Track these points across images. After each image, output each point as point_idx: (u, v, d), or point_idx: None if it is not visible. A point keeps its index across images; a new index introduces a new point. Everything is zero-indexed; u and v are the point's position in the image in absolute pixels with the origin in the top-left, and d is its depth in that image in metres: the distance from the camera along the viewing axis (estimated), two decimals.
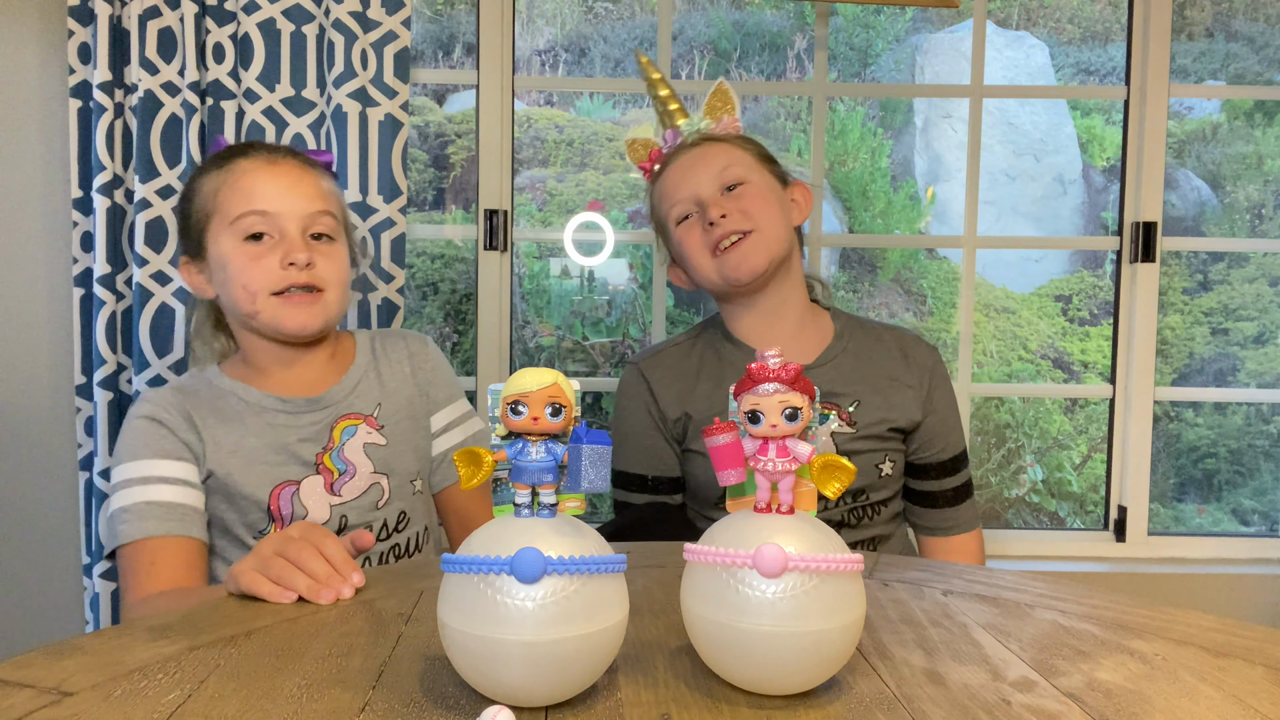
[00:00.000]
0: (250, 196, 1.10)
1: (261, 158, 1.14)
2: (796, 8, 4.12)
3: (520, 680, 0.59)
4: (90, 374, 1.53)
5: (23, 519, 1.63)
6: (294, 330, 1.11)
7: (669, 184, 1.31)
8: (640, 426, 1.32)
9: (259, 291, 1.10)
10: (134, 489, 1.07)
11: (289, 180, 1.12)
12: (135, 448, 1.09)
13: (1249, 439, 3.61)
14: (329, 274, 1.12)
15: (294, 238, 1.10)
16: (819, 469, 0.63)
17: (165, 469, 1.08)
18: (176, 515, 1.06)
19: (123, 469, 1.09)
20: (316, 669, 0.67)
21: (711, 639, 0.63)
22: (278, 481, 1.12)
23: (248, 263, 1.10)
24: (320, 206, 1.13)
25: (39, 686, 0.63)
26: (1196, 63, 3.95)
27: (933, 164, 4.20)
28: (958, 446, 1.34)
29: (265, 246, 1.10)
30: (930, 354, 1.34)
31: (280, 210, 1.10)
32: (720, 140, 1.32)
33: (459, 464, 0.62)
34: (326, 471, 1.14)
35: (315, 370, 1.18)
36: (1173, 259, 3.69)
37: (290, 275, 1.09)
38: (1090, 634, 0.77)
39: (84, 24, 1.50)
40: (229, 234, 1.11)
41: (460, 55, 3.97)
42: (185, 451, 1.10)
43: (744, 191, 1.27)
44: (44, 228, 1.61)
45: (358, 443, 1.16)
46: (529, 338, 3.44)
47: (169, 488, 1.07)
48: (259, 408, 1.14)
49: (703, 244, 1.27)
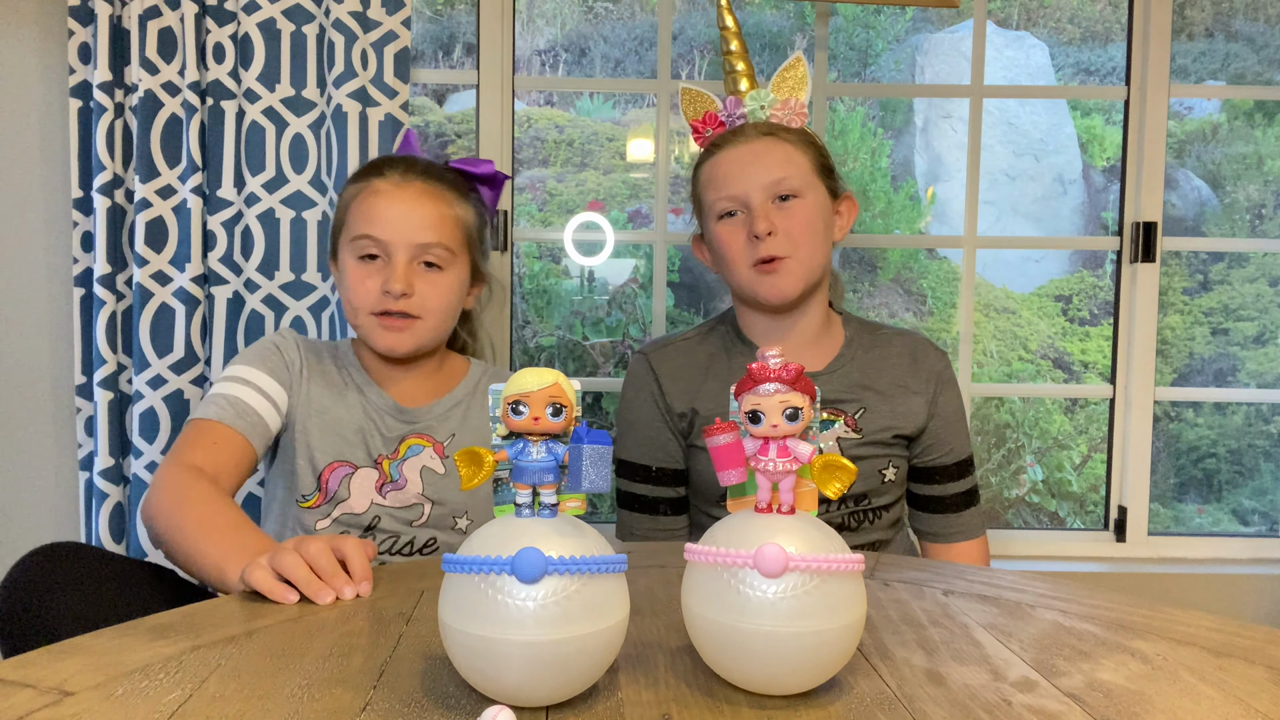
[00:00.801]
0: (369, 220, 1.18)
1: (394, 179, 1.20)
2: (796, 8, 4.12)
3: (521, 680, 0.59)
4: (90, 374, 1.53)
5: (23, 519, 1.62)
6: (383, 350, 1.19)
7: (719, 172, 1.26)
8: (646, 417, 1.32)
9: (359, 309, 1.18)
10: (233, 385, 1.16)
11: (407, 207, 1.18)
12: (250, 356, 1.20)
13: (1249, 439, 3.61)
14: (430, 302, 1.18)
15: (399, 266, 1.16)
16: (820, 469, 0.63)
17: (263, 381, 1.17)
18: (250, 418, 1.14)
19: (233, 367, 1.19)
20: (317, 669, 0.67)
21: (712, 639, 0.63)
22: (341, 458, 1.19)
23: (356, 282, 1.18)
24: (432, 239, 1.18)
25: (39, 686, 0.63)
26: (1196, 63, 3.95)
27: (933, 164, 4.20)
28: (963, 452, 1.33)
29: (374, 268, 1.18)
30: (940, 359, 1.33)
31: (391, 239, 1.17)
32: (783, 137, 1.26)
33: (459, 464, 0.62)
34: (382, 474, 1.21)
35: (413, 383, 1.25)
36: (1173, 259, 3.69)
37: (387, 301, 1.16)
38: (1091, 634, 0.77)
39: (84, 24, 1.50)
40: (349, 249, 1.20)
41: (460, 55, 3.97)
42: (285, 377, 1.20)
43: (794, 209, 1.23)
44: (44, 228, 1.61)
45: (418, 462, 1.22)
46: (529, 338, 3.44)
47: (258, 396, 1.16)
48: (360, 388, 1.23)
49: (743, 250, 1.24)
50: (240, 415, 1.13)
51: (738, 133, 1.27)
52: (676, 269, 3.50)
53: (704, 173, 1.29)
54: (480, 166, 1.28)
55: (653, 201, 1.97)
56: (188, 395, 1.52)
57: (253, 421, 1.14)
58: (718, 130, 1.31)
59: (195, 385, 1.53)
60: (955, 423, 1.32)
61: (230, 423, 1.12)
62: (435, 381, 1.27)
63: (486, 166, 1.29)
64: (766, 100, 1.28)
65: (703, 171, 1.29)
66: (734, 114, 1.29)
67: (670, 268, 3.44)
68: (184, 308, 1.51)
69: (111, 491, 1.51)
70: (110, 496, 1.51)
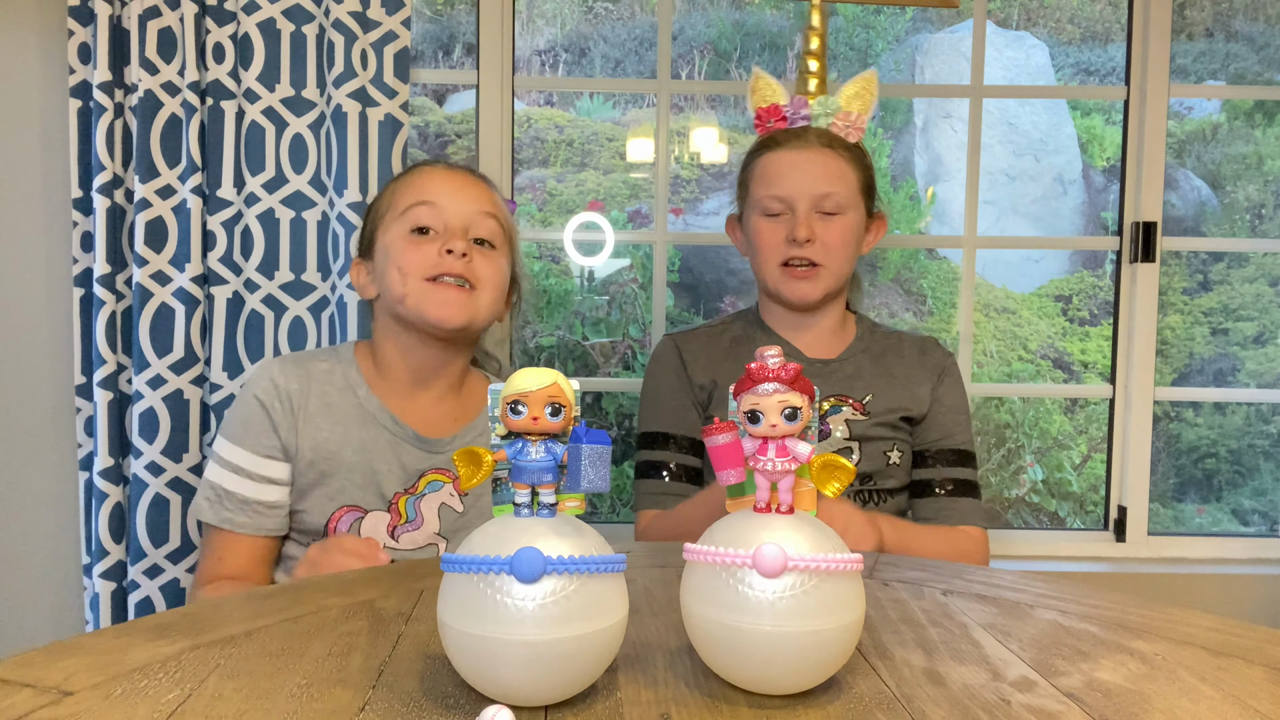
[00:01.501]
0: (422, 189, 1.15)
1: (441, 166, 1.21)
2: (796, 8, 4.12)
3: (520, 680, 0.59)
4: (90, 374, 1.53)
5: (23, 519, 1.63)
6: (436, 319, 1.11)
7: (772, 170, 1.31)
8: (668, 387, 1.36)
9: (411, 273, 1.11)
10: (230, 475, 1.13)
11: (460, 182, 1.17)
12: (238, 431, 1.14)
13: (1249, 439, 3.61)
14: (485, 273, 1.14)
15: (456, 230, 1.14)
16: (818, 469, 0.63)
17: (257, 465, 1.13)
18: (255, 511, 1.12)
19: (222, 445, 1.15)
20: (316, 669, 0.68)
21: (711, 639, 0.63)
22: (350, 503, 1.14)
23: (409, 248, 1.13)
24: (488, 208, 1.17)
25: (39, 686, 0.63)
26: (1196, 63, 3.95)
27: (933, 164, 4.20)
28: (962, 442, 1.36)
29: (429, 240, 1.14)
30: (946, 356, 1.40)
31: (447, 205, 1.14)
32: (839, 152, 1.30)
33: (459, 464, 0.62)
34: (396, 513, 1.15)
35: (433, 405, 1.19)
36: (1173, 259, 3.69)
37: (446, 263, 1.11)
38: (1090, 634, 0.77)
39: (84, 24, 1.50)
40: (398, 225, 1.15)
41: (460, 55, 3.97)
42: (278, 450, 1.13)
43: (835, 223, 1.29)
44: (44, 228, 1.61)
45: (436, 499, 1.16)
46: (529, 338, 3.44)
47: (256, 485, 1.13)
48: (374, 415, 1.15)
49: (777, 248, 1.30)
50: (247, 513, 1.12)
51: (798, 136, 1.32)
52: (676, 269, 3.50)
53: (758, 166, 1.34)
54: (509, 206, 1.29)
55: (653, 201, 1.97)
56: (187, 395, 1.52)
57: (259, 513, 1.13)
58: (778, 124, 1.35)
59: (195, 385, 1.53)
60: (956, 412, 1.36)
61: (240, 529, 1.12)
62: (457, 402, 1.21)
63: (512, 206, 1.30)
64: (832, 107, 1.33)
65: (757, 164, 1.34)
66: (798, 113, 1.33)
67: (670, 268, 3.44)
68: (184, 308, 1.51)
69: (111, 491, 1.51)
70: (110, 496, 1.51)
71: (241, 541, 1.13)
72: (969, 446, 1.36)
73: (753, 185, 1.33)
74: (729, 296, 3.38)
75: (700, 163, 3.94)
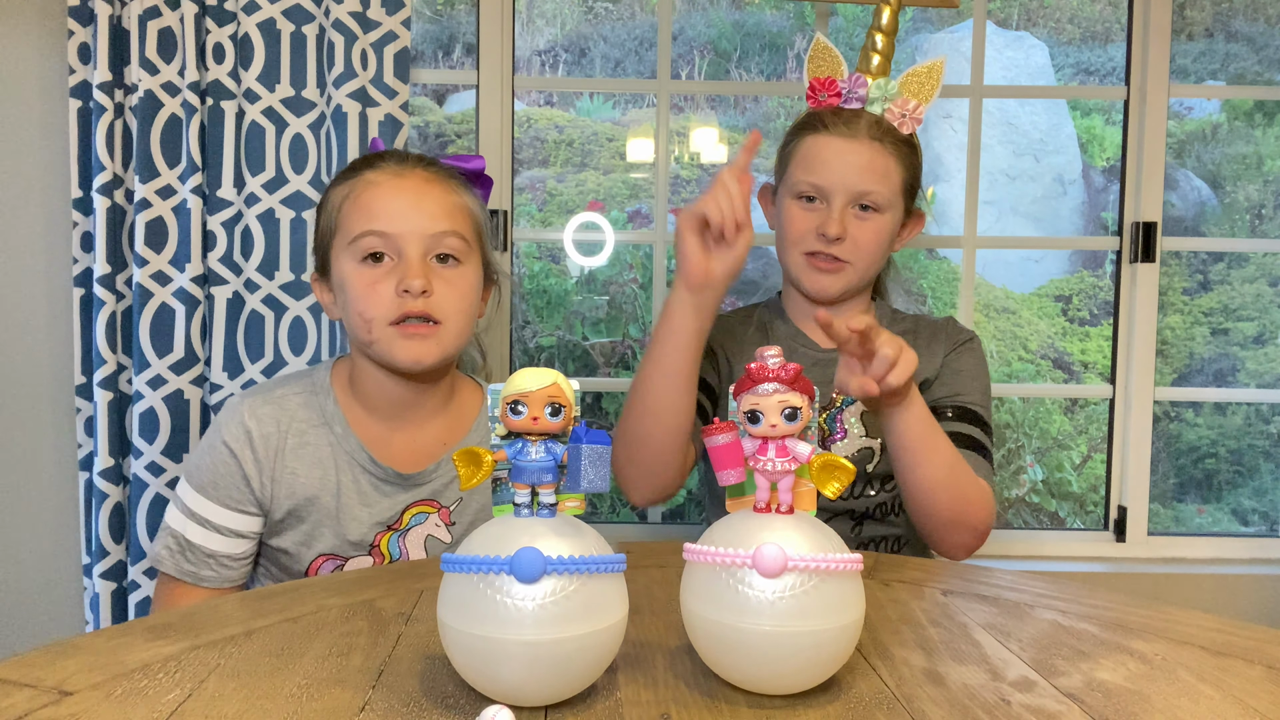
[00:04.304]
0: (370, 214, 1.04)
1: (389, 169, 1.08)
2: (796, 8, 4.12)
3: (520, 680, 0.59)
4: (90, 374, 1.53)
5: (23, 519, 1.62)
6: (407, 364, 1.05)
7: (814, 154, 1.23)
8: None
9: (374, 320, 1.03)
10: (189, 524, 1.06)
11: (413, 196, 1.05)
12: (204, 481, 1.07)
13: (1249, 439, 3.61)
14: (448, 303, 1.05)
15: (413, 261, 1.03)
16: (818, 469, 0.63)
17: (224, 518, 1.06)
18: (216, 565, 1.06)
19: (187, 492, 1.07)
20: (316, 669, 0.68)
21: (711, 639, 0.63)
22: (329, 551, 1.09)
23: (365, 289, 1.04)
24: (445, 226, 1.05)
25: (39, 686, 0.64)
26: (1196, 63, 3.95)
27: (933, 164, 4.20)
28: (971, 403, 1.27)
29: (383, 269, 1.04)
30: (966, 333, 1.33)
31: (400, 231, 1.03)
32: (888, 147, 1.23)
33: (458, 464, 0.62)
34: (379, 555, 1.10)
35: (419, 432, 1.11)
36: (1173, 259, 3.69)
37: (405, 303, 1.02)
38: (1090, 634, 0.77)
39: (84, 24, 1.50)
40: (348, 254, 1.05)
41: (460, 55, 3.97)
42: (250, 503, 1.07)
43: (869, 223, 1.22)
44: (44, 228, 1.61)
45: (422, 532, 1.11)
46: (529, 338, 3.44)
47: (220, 538, 1.06)
48: (349, 459, 1.08)
49: (804, 235, 1.23)
50: (212, 567, 1.06)
51: (849, 121, 1.24)
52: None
53: (802, 146, 1.26)
54: (471, 162, 1.16)
55: (653, 201, 1.97)
56: (188, 395, 1.52)
57: (225, 566, 1.07)
58: (832, 99, 1.26)
59: (195, 385, 1.53)
60: (970, 378, 1.29)
61: (204, 583, 1.06)
62: (443, 423, 1.14)
63: (478, 163, 1.17)
64: (890, 92, 1.25)
65: (802, 143, 1.26)
66: (854, 91, 1.25)
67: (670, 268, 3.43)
68: (184, 308, 1.51)
69: (111, 492, 1.51)
70: (110, 497, 1.51)
71: (201, 594, 1.06)
72: (982, 412, 1.28)
73: (792, 165, 1.26)
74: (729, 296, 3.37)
75: (700, 163, 3.94)
